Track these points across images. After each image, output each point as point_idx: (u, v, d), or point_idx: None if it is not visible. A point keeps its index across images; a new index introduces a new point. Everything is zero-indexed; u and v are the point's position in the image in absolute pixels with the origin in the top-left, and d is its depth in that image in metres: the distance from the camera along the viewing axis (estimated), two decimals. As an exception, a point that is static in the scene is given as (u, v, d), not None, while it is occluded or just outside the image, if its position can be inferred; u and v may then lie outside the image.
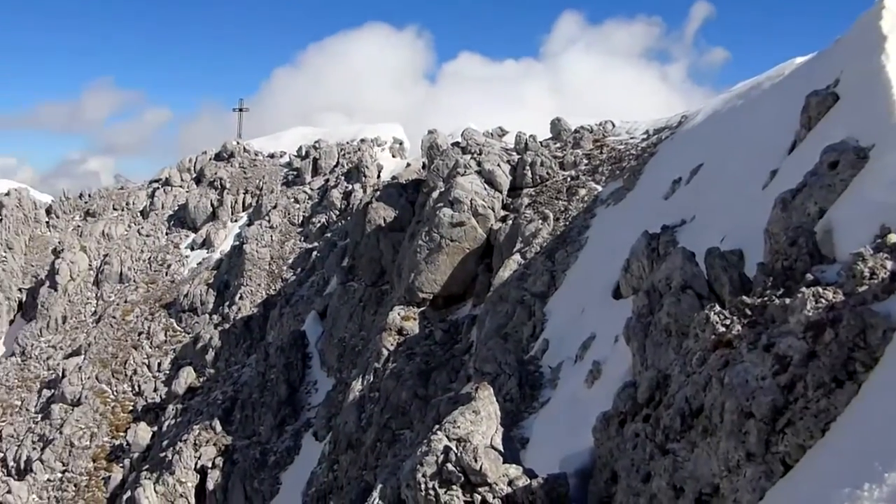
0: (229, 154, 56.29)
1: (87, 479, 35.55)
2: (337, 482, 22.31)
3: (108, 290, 49.72)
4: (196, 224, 51.82)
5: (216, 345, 37.99)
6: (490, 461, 5.16)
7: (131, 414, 38.03)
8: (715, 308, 5.19)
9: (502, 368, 16.00)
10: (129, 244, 52.29)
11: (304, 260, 41.22)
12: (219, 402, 31.48)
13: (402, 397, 21.02)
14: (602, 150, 27.79)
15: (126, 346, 42.36)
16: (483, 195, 25.36)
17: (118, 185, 64.05)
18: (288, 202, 47.09)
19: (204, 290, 42.79)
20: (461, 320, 23.91)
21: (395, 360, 22.86)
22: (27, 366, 47.86)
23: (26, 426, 41.50)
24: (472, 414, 5.47)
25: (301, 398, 29.66)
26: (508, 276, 21.41)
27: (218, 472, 27.46)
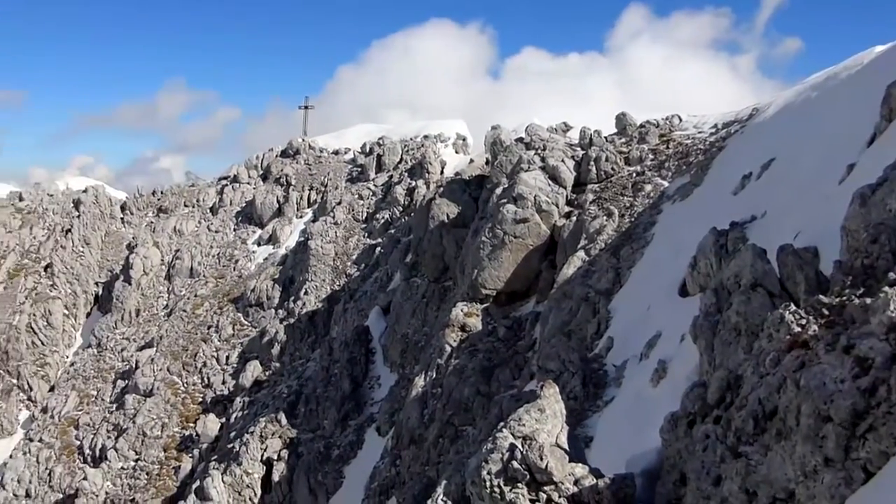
0: (295, 151, 57.21)
1: (159, 467, 36.60)
2: (399, 477, 22.44)
3: (179, 285, 51.09)
4: (262, 220, 52.83)
5: (282, 339, 38.67)
6: (556, 460, 5.09)
7: (200, 405, 39.00)
8: (790, 307, 5.01)
9: (566, 366, 15.85)
10: (199, 240, 53.61)
11: (368, 256, 41.61)
12: (284, 396, 32.02)
13: (464, 394, 21.00)
14: (668, 144, 27.25)
15: (196, 339, 43.44)
16: (547, 191, 25.14)
17: (189, 182, 65.74)
18: (352, 198, 47.59)
19: (270, 285, 43.59)
20: (524, 317, 23.76)
21: (457, 357, 22.86)
22: (103, 357, 49.53)
23: (102, 415, 42.98)
24: (538, 412, 5.41)
25: (364, 393, 29.95)
26: (572, 272, 21.18)
27: (283, 464, 27.94)
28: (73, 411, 45.65)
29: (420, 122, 55.45)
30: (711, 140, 25.38)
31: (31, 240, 65.40)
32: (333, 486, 26.52)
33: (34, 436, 45.29)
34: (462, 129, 51.96)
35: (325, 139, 58.97)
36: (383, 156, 50.31)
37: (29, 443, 45.03)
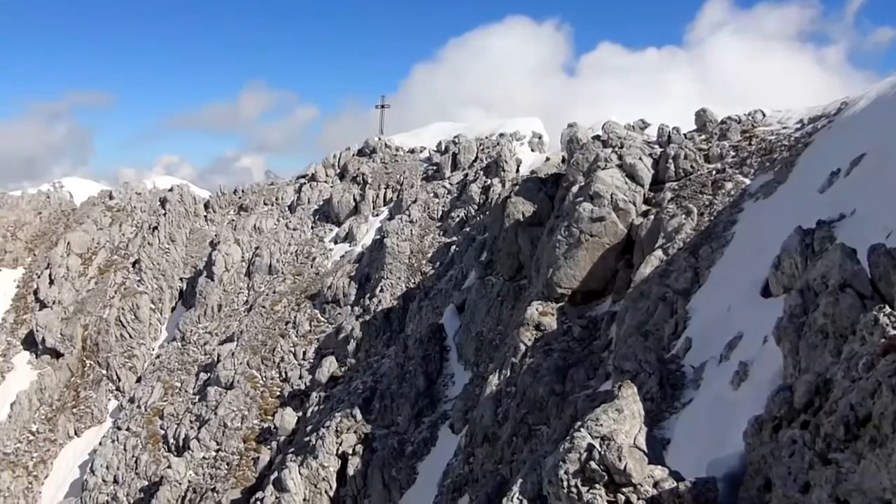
0: (371, 150, 57.87)
1: (238, 458, 37.58)
2: (472, 475, 22.45)
3: (258, 281, 52.32)
4: (339, 218, 53.62)
5: (357, 336, 39.17)
6: (635, 461, 5.00)
7: (278, 399, 39.87)
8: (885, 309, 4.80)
9: (642, 367, 15.56)
10: (277, 237, 54.79)
11: (443, 254, 41.77)
12: (359, 392, 32.43)
13: (538, 393, 20.86)
14: (751, 141, 26.43)
15: (274, 334, 44.41)
16: (624, 189, 24.74)
17: (268, 181, 67.31)
18: (428, 197, 47.84)
19: (346, 282, 44.21)
20: (600, 317, 23.44)
21: (532, 356, 22.72)
22: (186, 350, 51.15)
23: (185, 406, 44.38)
24: (616, 412, 5.32)
25: (438, 390, 30.09)
26: (650, 272, 20.79)
27: (358, 458, 28.31)
28: (158, 402, 47.31)
29: (496, 121, 55.32)
30: (797, 136, 24.51)
31: (120, 237, 68.09)
32: (407, 481, 26.73)
33: (122, 424, 47.12)
34: (538, 127, 51.61)
35: (401, 138, 59.45)
36: (459, 154, 50.40)
37: (117, 431, 46.88)
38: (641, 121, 33.19)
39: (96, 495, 43.68)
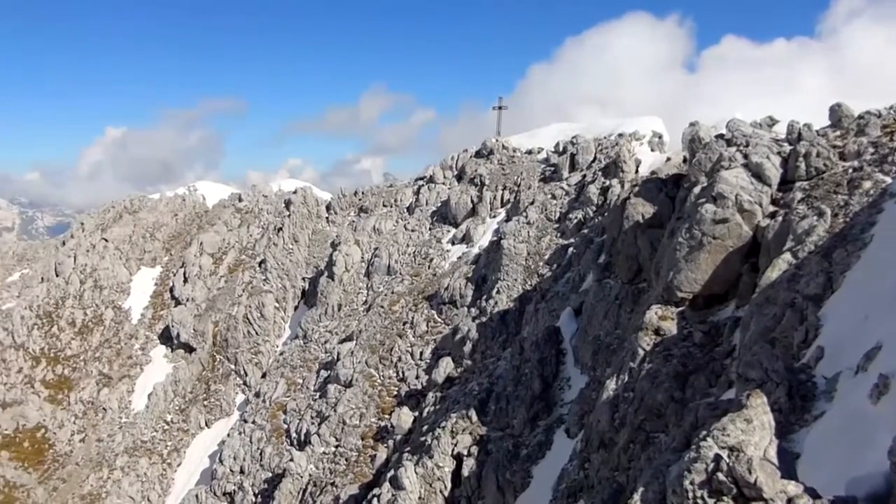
0: (489, 151, 57.99)
1: (356, 455, 38.42)
2: (588, 481, 22.05)
3: (377, 281, 53.40)
4: (457, 219, 54.00)
5: (473, 337, 39.29)
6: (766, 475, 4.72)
7: (395, 398, 40.52)
8: None
9: (769, 376, 14.81)
10: (396, 238, 55.75)
11: (561, 256, 41.32)
12: (475, 393, 32.50)
13: (657, 399, 20.25)
14: (893, 137, 24.73)
15: (392, 334, 45.19)
16: (749, 190, 23.66)
17: (387, 182, 68.70)
18: (545, 198, 47.46)
19: (463, 283, 44.44)
20: (722, 322, 22.51)
21: (651, 361, 22.10)
22: (308, 348, 52.82)
23: (306, 402, 45.83)
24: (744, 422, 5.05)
25: (554, 394, 29.74)
26: (777, 276, 19.77)
27: (473, 460, 28.36)
28: (281, 397, 49.08)
29: (614, 120, 54.25)
30: (945, 131, 22.75)
31: (248, 237, 71.16)
32: (521, 485, 26.56)
33: (248, 417, 49.16)
34: (658, 126, 50.23)
35: (518, 139, 59.29)
36: (577, 155, 49.74)
37: (243, 424, 48.95)
38: (769, 117, 31.64)
39: (224, 484, 45.76)
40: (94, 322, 69.50)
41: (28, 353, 66.49)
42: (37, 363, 66.01)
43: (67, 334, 68.30)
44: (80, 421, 61.85)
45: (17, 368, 65.22)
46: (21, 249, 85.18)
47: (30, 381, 64.40)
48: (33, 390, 63.54)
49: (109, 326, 69.18)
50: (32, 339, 67.36)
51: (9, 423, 61.27)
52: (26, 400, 62.56)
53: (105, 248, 74.75)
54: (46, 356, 66.70)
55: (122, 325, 69.24)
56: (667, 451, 15.87)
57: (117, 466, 56.68)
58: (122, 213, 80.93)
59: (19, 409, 61.99)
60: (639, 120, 51.46)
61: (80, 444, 60.33)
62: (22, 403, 62.40)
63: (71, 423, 61.64)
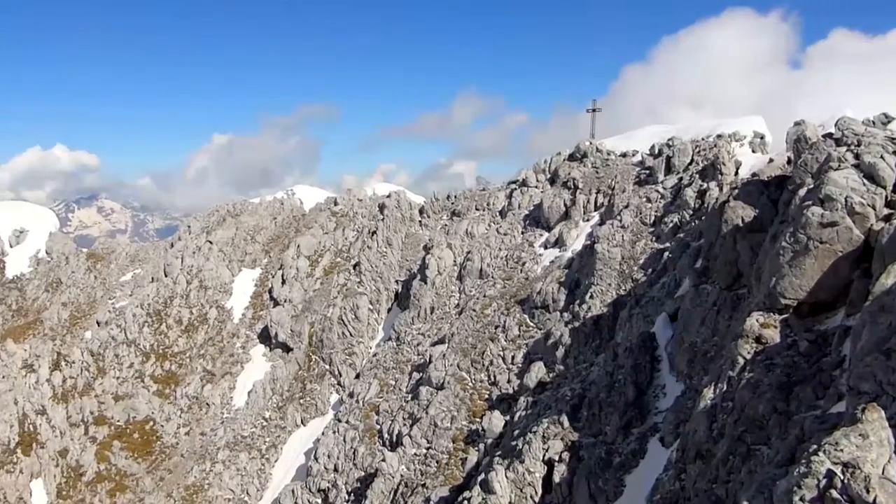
0: (582, 154, 57.30)
1: (447, 457, 38.54)
2: (684, 492, 21.40)
3: (469, 285, 53.49)
4: (549, 223, 53.55)
5: (566, 342, 38.83)
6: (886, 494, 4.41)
7: (486, 402, 40.44)
8: None
9: (884, 389, 13.98)
10: (488, 242, 55.72)
11: (656, 260, 40.37)
12: (567, 399, 32.09)
13: (758, 410, 19.46)
14: None
15: (484, 337, 45.15)
16: (861, 192, 22.47)
17: (479, 186, 68.84)
18: (640, 201, 46.52)
19: (556, 287, 43.99)
20: (831, 331, 21.44)
21: (751, 370, 21.26)
22: (401, 350, 53.38)
23: (399, 404, 46.30)
24: (859, 438, 4.74)
25: (648, 401, 29.06)
26: (892, 283, 18.69)
27: (564, 466, 27.99)
28: (374, 398, 49.76)
29: (713, 121, 52.64)
30: None
31: (343, 240, 72.59)
32: (614, 493, 26.04)
33: (342, 417, 50.06)
34: (759, 125, 48.41)
35: (612, 142, 58.34)
36: (673, 157, 48.51)
37: (337, 423, 49.88)
38: (884, 114, 30.06)
39: (319, 481, 46.73)
40: (199, 321, 72.32)
41: (139, 349, 69.78)
42: (146, 359, 69.20)
43: (175, 332, 71.32)
44: (185, 415, 64.45)
45: (129, 363, 68.54)
46: (133, 251, 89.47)
47: (140, 376, 67.56)
48: (143, 384, 66.62)
49: (213, 325, 71.85)
50: (143, 336, 70.65)
51: (120, 414, 64.43)
52: (137, 393, 65.66)
53: (210, 250, 77.70)
54: (155, 352, 69.83)
55: (224, 325, 71.79)
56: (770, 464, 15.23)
57: (219, 460, 58.74)
58: (226, 216, 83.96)
59: (130, 402, 65.12)
60: (739, 120, 49.75)
61: (185, 436, 62.83)
62: (133, 397, 65.53)
63: (177, 416, 64.29)
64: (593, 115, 64.66)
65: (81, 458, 61.35)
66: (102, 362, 68.86)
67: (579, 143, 58.61)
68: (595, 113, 64.91)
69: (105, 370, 68.15)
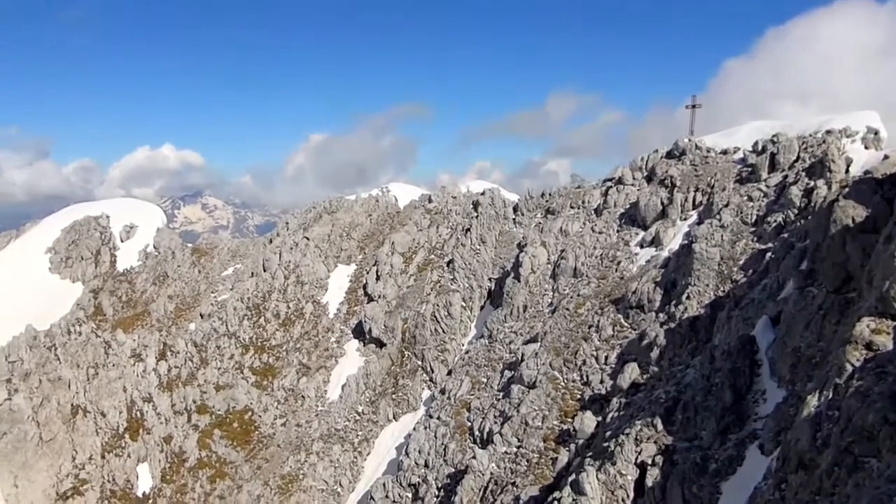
0: (681, 152, 55.82)
1: (538, 457, 38.26)
2: (784, 503, 20.54)
3: (562, 284, 52.95)
4: (646, 222, 52.41)
5: (661, 343, 37.92)
6: None
7: (578, 402, 39.93)
8: None
9: None
10: (583, 241, 55.01)
11: (757, 261, 38.88)
12: (661, 401, 31.32)
13: (868, 420, 18.44)
14: None
15: (577, 337, 44.59)
16: (985, 190, 21.03)
17: (574, 184, 67.91)
18: (741, 200, 44.92)
19: (651, 287, 43.01)
20: (948, 338, 20.14)
21: (860, 378, 20.18)
22: (493, 348, 53.34)
23: (490, 401, 46.28)
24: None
25: (747, 407, 28.02)
26: None
27: (657, 470, 27.33)
28: (466, 395, 49.91)
29: (821, 116, 50.20)
30: None
31: (437, 237, 73.11)
32: (709, 500, 25.23)
33: (433, 413, 50.43)
34: (873, 121, 45.80)
35: (712, 138, 56.55)
36: (777, 154, 46.57)
37: (429, 419, 50.28)
38: None
39: (409, 476, 47.24)
40: (296, 315, 74.32)
41: (239, 342, 72.30)
42: (246, 351, 71.64)
43: (273, 325, 73.55)
44: (281, 406, 66.38)
45: (230, 355, 71.12)
46: (234, 246, 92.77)
47: (240, 367, 70.00)
48: (242, 376, 68.99)
49: (309, 319, 73.71)
50: (243, 328, 73.16)
51: (221, 404, 66.91)
52: (236, 384, 68.05)
53: (306, 246, 79.72)
54: (254, 345, 72.20)
55: (320, 319, 73.54)
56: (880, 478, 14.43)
57: (313, 451, 60.23)
58: (322, 213, 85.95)
59: (230, 392, 67.55)
60: (851, 115, 47.25)
61: (282, 427, 64.70)
62: (233, 387, 67.95)
63: (274, 407, 66.28)
64: (693, 112, 62.87)
65: (184, 445, 64.05)
66: (205, 353, 71.72)
67: (677, 141, 57.09)
68: (694, 109, 63.10)
69: (207, 361, 70.95)
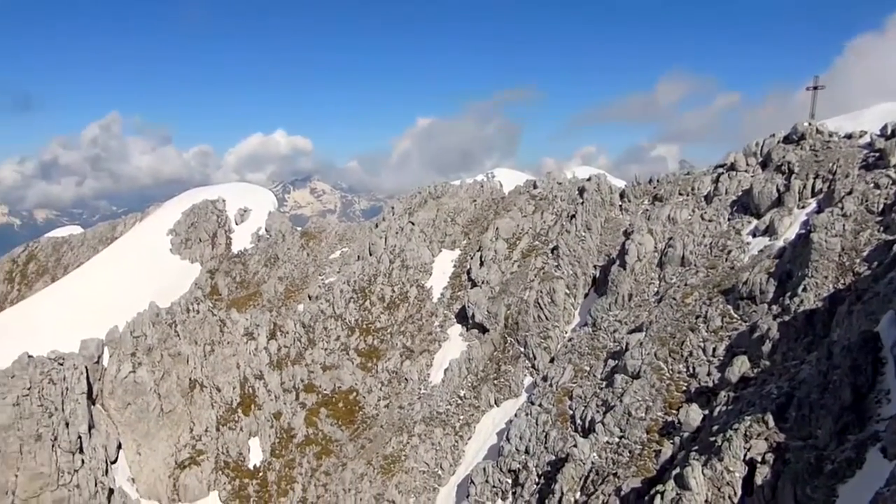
0: (799, 136, 53.18)
1: (641, 448, 37.51)
2: (909, 510, 19.32)
3: (669, 272, 51.57)
4: (760, 210, 50.30)
5: (774, 336, 36.36)
6: None
7: (684, 394, 38.85)
8: None
9: None
10: (691, 229, 53.33)
11: (883, 253, 36.63)
12: (773, 397, 30.07)
13: None
14: None
15: (683, 327, 43.35)
16: None
17: (683, 170, 65.86)
18: (866, 187, 42.41)
19: (764, 278, 41.27)
20: None
21: None
22: (596, 336, 52.56)
23: (592, 390, 45.69)
24: None
25: (868, 407, 26.49)
26: None
27: (767, 468, 26.27)
28: (568, 383, 49.44)
29: (959, 98, 46.76)
30: None
31: (541, 224, 72.50)
32: (824, 502, 24.07)
33: (535, 400, 50.22)
34: None
35: (835, 122, 53.54)
36: (908, 138, 43.69)
37: (530, 406, 50.11)
38: None
39: (510, 462, 47.28)
40: (400, 299, 75.41)
41: (345, 324, 74.06)
42: (351, 333, 73.31)
43: (378, 308, 74.92)
44: (385, 388, 67.63)
45: (336, 336, 72.97)
46: (341, 230, 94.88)
47: (345, 349, 71.73)
48: (348, 357, 70.67)
49: (413, 303, 74.64)
50: (349, 311, 74.87)
51: (327, 383, 68.79)
52: (342, 365, 69.78)
53: (411, 231, 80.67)
54: (360, 327, 73.78)
55: (423, 303, 74.35)
56: None
57: (415, 433, 61.12)
58: (427, 198, 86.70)
59: (336, 373, 69.35)
60: None
61: (385, 409, 65.95)
62: (338, 368, 69.73)
63: (378, 389, 67.62)
64: (814, 94, 59.72)
65: (292, 422, 66.26)
66: (312, 334, 73.84)
67: (796, 124, 54.35)
68: (816, 91, 59.91)
69: (315, 341, 73.04)
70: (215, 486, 61.58)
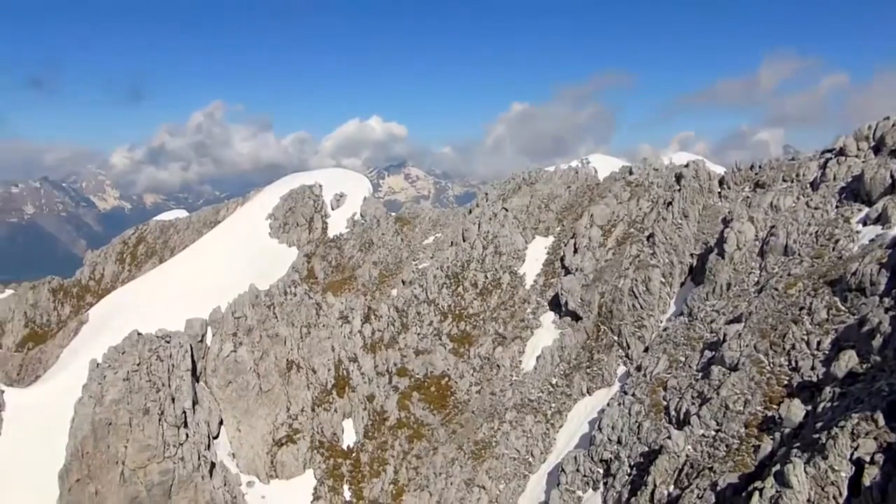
0: (916, 120, 50.26)
1: (738, 443, 36.44)
2: None
3: (771, 262, 49.80)
4: (871, 197, 47.86)
5: (885, 331, 34.57)
6: None
7: (785, 388, 37.47)
8: None
9: None
10: (796, 216, 51.27)
11: None
12: (884, 394, 28.64)
13: None
14: None
15: (786, 319, 41.77)
16: None
17: (787, 156, 63.34)
18: None
19: (875, 269, 39.27)
20: None
21: None
22: (693, 326, 51.29)
23: (687, 381, 44.67)
24: None
25: None
26: None
27: (876, 469, 25.07)
28: (662, 373, 48.46)
29: None
30: None
31: (637, 211, 71.20)
32: (937, 507, 22.83)
33: (628, 390, 49.48)
34: None
35: (957, 104, 50.29)
36: None
37: (623, 395, 49.41)
38: None
39: (601, 451, 46.81)
40: (493, 285, 75.53)
41: (437, 309, 74.77)
42: (444, 318, 73.97)
43: (470, 294, 75.29)
44: (477, 374, 68.01)
45: (429, 321, 73.77)
46: (435, 216, 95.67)
47: (438, 334, 72.44)
48: (440, 342, 71.35)
49: (506, 290, 74.65)
50: (442, 296, 75.53)
51: (420, 368, 69.70)
52: (434, 350, 70.52)
53: (505, 217, 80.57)
54: (452, 313, 74.35)
55: (516, 290, 74.26)
56: None
57: (506, 420, 61.28)
58: (521, 184, 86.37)
59: (428, 358, 70.15)
60: None
61: (477, 394, 66.34)
62: (431, 352, 70.51)
63: (469, 374, 68.06)
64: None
65: (385, 405, 67.48)
66: (406, 318, 74.88)
67: (915, 106, 51.36)
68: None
69: (408, 326, 74.05)
70: (310, 465, 63.46)
